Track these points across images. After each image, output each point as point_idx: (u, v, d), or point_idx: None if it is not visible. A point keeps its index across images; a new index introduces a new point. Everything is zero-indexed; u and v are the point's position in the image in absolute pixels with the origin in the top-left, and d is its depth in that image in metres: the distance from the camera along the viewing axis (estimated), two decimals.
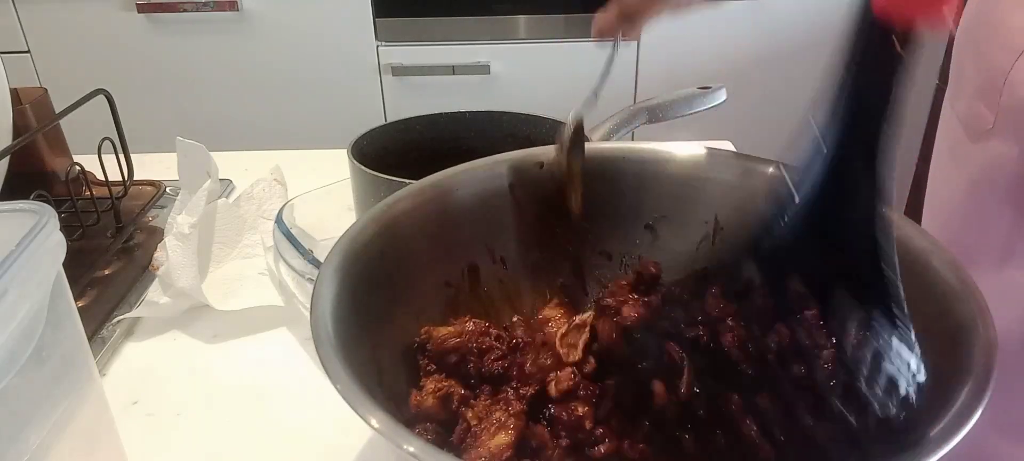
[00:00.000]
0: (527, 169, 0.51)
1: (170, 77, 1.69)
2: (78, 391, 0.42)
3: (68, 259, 0.38)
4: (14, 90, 0.73)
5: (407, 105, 1.69)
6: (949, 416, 0.30)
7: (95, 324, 0.62)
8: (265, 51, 1.65)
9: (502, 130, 0.72)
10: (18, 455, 0.36)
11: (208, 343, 0.62)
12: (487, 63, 1.64)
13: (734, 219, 0.50)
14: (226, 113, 1.72)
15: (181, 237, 0.63)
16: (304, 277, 0.58)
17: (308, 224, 0.66)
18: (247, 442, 0.52)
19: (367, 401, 0.31)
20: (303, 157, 0.92)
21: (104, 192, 0.73)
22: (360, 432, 0.52)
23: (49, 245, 0.36)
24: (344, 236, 0.43)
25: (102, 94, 0.71)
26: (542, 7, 1.60)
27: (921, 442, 0.29)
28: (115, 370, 0.60)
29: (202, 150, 0.70)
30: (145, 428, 0.54)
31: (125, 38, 1.64)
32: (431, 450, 0.29)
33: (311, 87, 1.69)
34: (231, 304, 0.64)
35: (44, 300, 0.37)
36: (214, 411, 0.55)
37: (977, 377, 0.31)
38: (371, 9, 1.60)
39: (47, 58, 1.68)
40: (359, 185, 0.64)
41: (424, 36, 1.63)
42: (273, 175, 0.75)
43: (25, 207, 0.38)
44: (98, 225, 0.71)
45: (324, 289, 0.39)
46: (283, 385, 0.57)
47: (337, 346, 0.35)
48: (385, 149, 0.69)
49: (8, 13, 1.62)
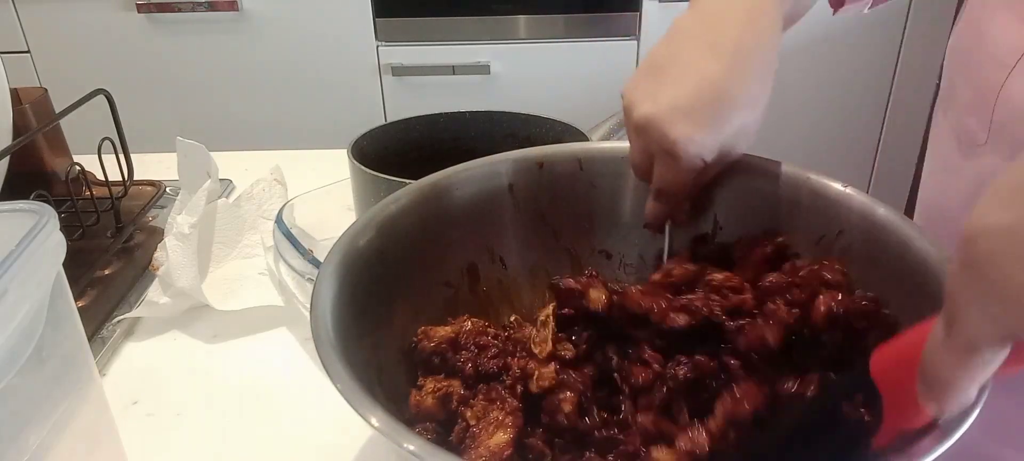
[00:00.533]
0: (527, 169, 0.51)
1: (170, 77, 1.69)
2: (78, 391, 0.42)
3: (68, 259, 0.38)
4: (14, 90, 0.73)
5: (407, 105, 1.69)
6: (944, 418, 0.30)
7: (95, 324, 0.62)
8: (265, 51, 1.65)
9: (502, 130, 0.72)
10: (18, 455, 0.36)
11: (208, 343, 0.62)
12: (487, 63, 1.64)
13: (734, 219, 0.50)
14: (226, 113, 1.72)
15: (181, 237, 0.63)
16: (304, 277, 0.58)
17: (308, 224, 0.66)
18: (247, 442, 0.52)
19: (367, 400, 0.31)
20: (303, 157, 0.92)
21: (104, 192, 0.73)
22: (360, 432, 0.52)
23: (49, 245, 0.36)
24: (344, 236, 0.43)
25: (102, 94, 0.71)
26: (542, 7, 1.60)
27: (915, 444, 0.29)
28: (115, 370, 0.60)
29: (202, 150, 0.70)
30: (145, 428, 0.54)
31: (125, 38, 1.64)
32: (431, 448, 0.29)
33: (311, 87, 1.69)
34: (231, 304, 0.64)
35: (44, 300, 0.37)
36: (214, 411, 0.55)
37: None
38: (371, 9, 1.60)
39: (47, 58, 1.68)
40: (359, 185, 0.64)
41: (424, 36, 1.63)
42: (273, 175, 0.75)
43: (25, 207, 0.38)
44: (98, 225, 0.71)
45: (324, 289, 0.39)
46: (283, 385, 0.57)
47: (337, 345, 0.35)
48: (385, 149, 0.69)
49: (8, 13, 1.62)
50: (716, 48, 0.44)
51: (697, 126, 0.44)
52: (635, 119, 0.46)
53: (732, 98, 0.44)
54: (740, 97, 0.44)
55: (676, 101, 0.44)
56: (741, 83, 0.44)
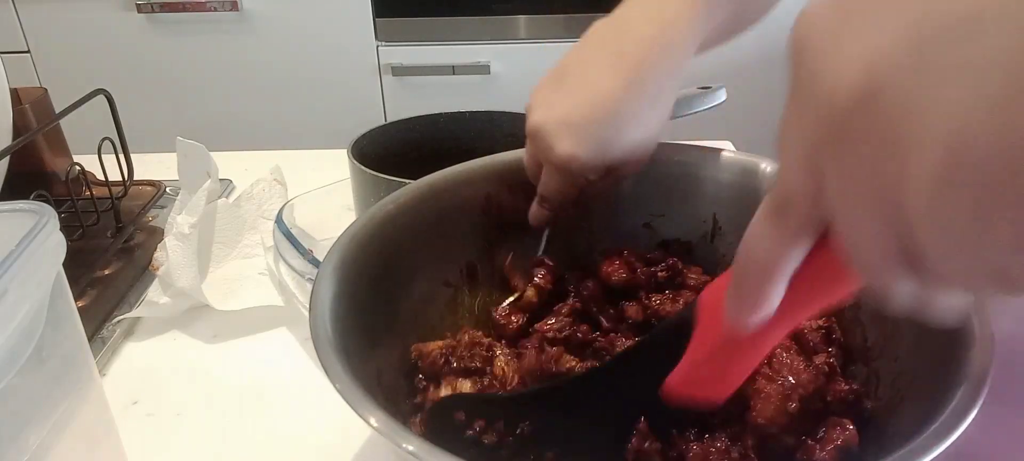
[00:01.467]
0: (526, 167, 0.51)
1: (170, 77, 1.69)
2: (78, 391, 0.42)
3: (68, 259, 0.38)
4: (14, 90, 0.73)
5: (407, 105, 1.69)
6: (945, 415, 0.30)
7: (95, 324, 0.62)
8: (265, 51, 1.65)
9: (502, 130, 0.72)
10: (18, 455, 0.36)
11: (208, 343, 0.62)
12: (487, 63, 1.64)
13: (734, 218, 0.50)
14: (226, 113, 1.72)
15: (181, 237, 0.63)
16: (304, 277, 0.58)
17: (308, 224, 0.66)
18: (247, 442, 0.52)
19: (366, 400, 0.31)
20: (303, 157, 0.92)
21: (104, 192, 0.73)
22: (359, 432, 0.52)
23: (49, 245, 0.36)
24: (343, 235, 0.43)
25: (102, 94, 0.71)
26: (542, 7, 1.60)
27: (918, 440, 0.29)
28: (115, 370, 0.60)
29: (202, 150, 0.70)
30: (145, 428, 0.54)
31: (125, 38, 1.64)
32: (430, 448, 0.29)
33: (311, 87, 1.69)
34: (231, 304, 0.64)
35: (44, 300, 0.37)
36: (214, 411, 0.55)
37: (973, 377, 0.31)
38: (371, 9, 1.60)
39: (47, 58, 1.68)
40: (359, 185, 0.64)
41: (424, 36, 1.63)
42: (273, 175, 0.75)
43: (25, 207, 0.38)
44: (98, 225, 0.71)
45: (323, 288, 0.39)
46: (283, 385, 0.57)
47: (336, 345, 0.35)
48: (385, 149, 0.69)
49: (8, 13, 1.62)
50: (619, 63, 0.44)
51: (583, 144, 0.43)
52: (528, 125, 0.46)
53: (623, 118, 0.44)
54: (632, 119, 0.44)
55: (568, 115, 0.44)
56: (636, 104, 0.44)
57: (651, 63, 0.44)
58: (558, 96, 0.45)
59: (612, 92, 0.43)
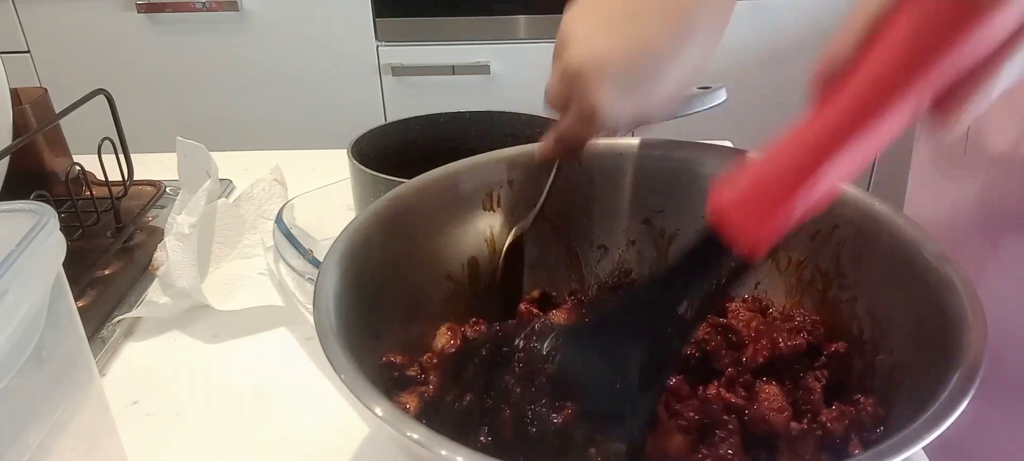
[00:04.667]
0: (526, 165, 0.52)
1: (170, 77, 1.69)
2: (78, 391, 0.42)
3: (68, 259, 0.38)
4: (14, 90, 0.73)
5: (407, 105, 1.69)
6: (937, 404, 0.30)
7: (95, 324, 0.62)
8: (265, 51, 1.65)
9: (502, 130, 0.72)
10: (18, 455, 0.36)
11: (208, 343, 0.62)
12: (487, 63, 1.64)
13: None
14: (226, 113, 1.72)
15: (181, 237, 0.63)
16: (304, 277, 0.58)
17: (308, 224, 0.66)
18: (247, 442, 0.52)
19: (372, 390, 0.32)
20: (303, 157, 0.92)
21: (104, 192, 0.73)
22: (359, 432, 0.52)
23: (49, 245, 0.36)
24: (346, 229, 0.43)
25: (102, 94, 0.71)
26: (542, 7, 1.60)
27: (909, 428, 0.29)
28: (115, 370, 0.60)
29: (202, 150, 0.70)
30: (145, 428, 0.54)
31: (125, 38, 1.64)
32: (434, 437, 0.29)
33: (311, 87, 1.69)
34: (231, 304, 0.64)
35: (44, 300, 0.37)
36: (214, 411, 0.55)
37: (967, 365, 0.31)
38: (371, 9, 1.60)
39: (47, 58, 1.68)
40: (359, 185, 0.64)
41: (424, 36, 1.63)
42: (273, 175, 0.75)
43: (25, 207, 0.38)
44: (98, 225, 0.71)
45: (327, 281, 0.39)
46: (283, 385, 0.57)
47: (340, 336, 0.36)
48: (385, 149, 0.69)
49: (8, 13, 1.62)
50: (668, 5, 0.41)
51: (625, 93, 0.41)
52: (565, 62, 0.42)
53: (668, 64, 0.41)
54: (676, 65, 0.41)
55: (612, 57, 0.41)
56: (683, 47, 0.41)
57: (695, 6, 0.41)
58: (602, 32, 0.42)
59: (664, 33, 0.41)
